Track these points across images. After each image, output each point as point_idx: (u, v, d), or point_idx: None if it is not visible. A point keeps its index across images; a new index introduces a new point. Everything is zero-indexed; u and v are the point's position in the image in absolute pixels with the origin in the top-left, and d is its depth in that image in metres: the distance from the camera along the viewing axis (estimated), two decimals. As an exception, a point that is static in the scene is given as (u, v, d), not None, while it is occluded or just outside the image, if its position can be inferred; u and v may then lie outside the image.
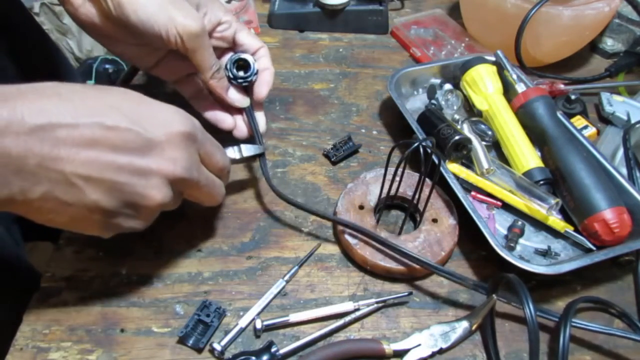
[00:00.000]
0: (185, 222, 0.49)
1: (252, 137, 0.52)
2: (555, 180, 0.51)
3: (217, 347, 0.40)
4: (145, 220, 0.38)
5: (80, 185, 0.32)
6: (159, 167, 0.35)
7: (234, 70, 0.50)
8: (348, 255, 0.48)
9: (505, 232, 0.50)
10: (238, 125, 0.53)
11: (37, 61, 0.65)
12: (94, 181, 0.33)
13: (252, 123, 0.51)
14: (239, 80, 0.50)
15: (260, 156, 0.50)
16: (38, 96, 0.31)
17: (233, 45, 0.52)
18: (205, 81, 0.48)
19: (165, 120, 0.36)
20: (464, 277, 0.44)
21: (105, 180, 0.33)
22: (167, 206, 0.38)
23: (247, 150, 0.48)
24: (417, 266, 0.44)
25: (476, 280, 0.44)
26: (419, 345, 0.41)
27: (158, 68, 0.51)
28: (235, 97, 0.51)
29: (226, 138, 0.57)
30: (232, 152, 0.47)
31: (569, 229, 0.49)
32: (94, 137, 0.32)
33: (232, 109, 0.53)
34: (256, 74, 0.50)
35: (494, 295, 0.42)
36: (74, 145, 0.31)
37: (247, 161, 0.49)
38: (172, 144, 0.36)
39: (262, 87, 0.52)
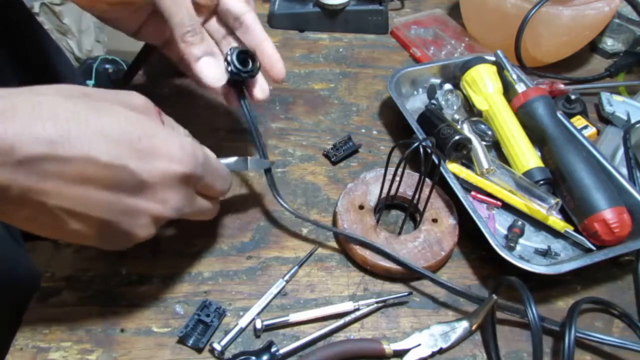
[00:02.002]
0: (185, 221, 0.49)
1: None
2: (555, 180, 0.51)
3: (217, 347, 0.40)
4: (125, 246, 0.37)
5: (63, 217, 0.31)
6: (147, 208, 0.34)
7: (236, 63, 0.44)
8: (348, 255, 0.48)
9: (505, 232, 0.50)
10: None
11: (37, 61, 0.65)
12: (77, 215, 0.32)
13: (255, 138, 0.47)
14: (243, 74, 0.45)
15: (268, 171, 0.47)
16: (32, 120, 0.28)
17: (216, 9, 0.46)
18: (177, 42, 0.41)
19: (166, 158, 0.34)
20: (462, 289, 0.43)
21: (91, 217, 0.32)
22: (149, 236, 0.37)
23: (254, 164, 0.46)
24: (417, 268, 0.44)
25: (473, 292, 0.44)
26: (419, 345, 0.41)
27: (142, 32, 0.48)
28: (208, 71, 0.42)
29: (237, 146, 0.57)
30: (238, 164, 0.45)
31: (569, 229, 0.49)
32: (85, 174, 0.30)
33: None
34: (259, 67, 0.46)
35: (493, 295, 0.41)
36: (62, 180, 0.30)
37: (255, 170, 0.48)
38: (166, 185, 0.34)
39: (275, 64, 0.46)
